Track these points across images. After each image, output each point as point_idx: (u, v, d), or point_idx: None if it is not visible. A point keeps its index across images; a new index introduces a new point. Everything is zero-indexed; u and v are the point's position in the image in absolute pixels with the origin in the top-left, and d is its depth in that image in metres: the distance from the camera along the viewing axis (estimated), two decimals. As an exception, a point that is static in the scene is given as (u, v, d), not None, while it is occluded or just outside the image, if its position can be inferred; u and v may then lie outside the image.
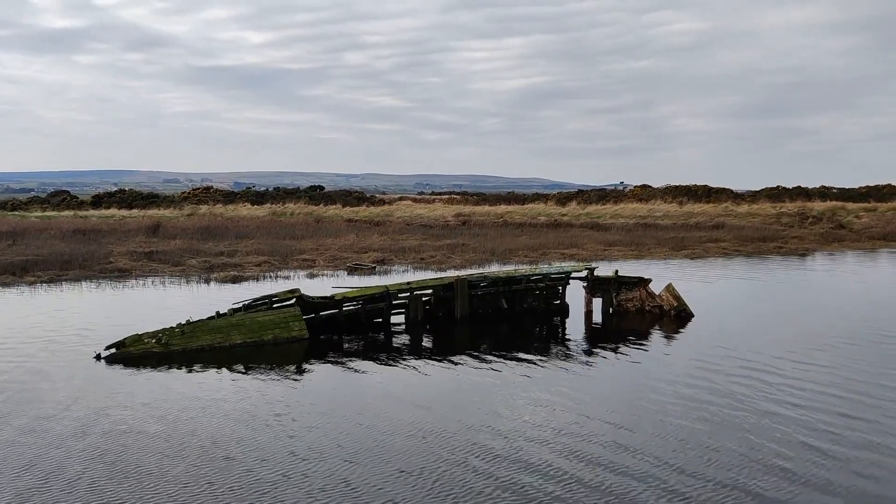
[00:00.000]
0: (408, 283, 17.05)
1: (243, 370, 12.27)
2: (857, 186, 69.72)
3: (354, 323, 15.88)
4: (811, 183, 71.18)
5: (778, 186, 67.72)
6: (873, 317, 17.02)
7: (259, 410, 9.96)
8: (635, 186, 72.28)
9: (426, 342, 15.25)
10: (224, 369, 12.34)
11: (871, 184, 69.69)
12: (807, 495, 7.26)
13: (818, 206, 53.31)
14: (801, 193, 64.39)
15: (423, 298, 16.80)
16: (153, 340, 13.33)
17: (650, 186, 68.94)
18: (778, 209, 50.96)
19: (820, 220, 45.62)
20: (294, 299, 15.05)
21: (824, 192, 65.71)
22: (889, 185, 68.02)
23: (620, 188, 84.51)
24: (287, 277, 23.94)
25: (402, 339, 15.27)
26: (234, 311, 14.68)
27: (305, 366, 12.85)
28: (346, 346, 14.59)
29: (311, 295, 15.81)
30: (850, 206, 54.14)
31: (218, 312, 14.61)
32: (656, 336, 15.46)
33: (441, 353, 13.86)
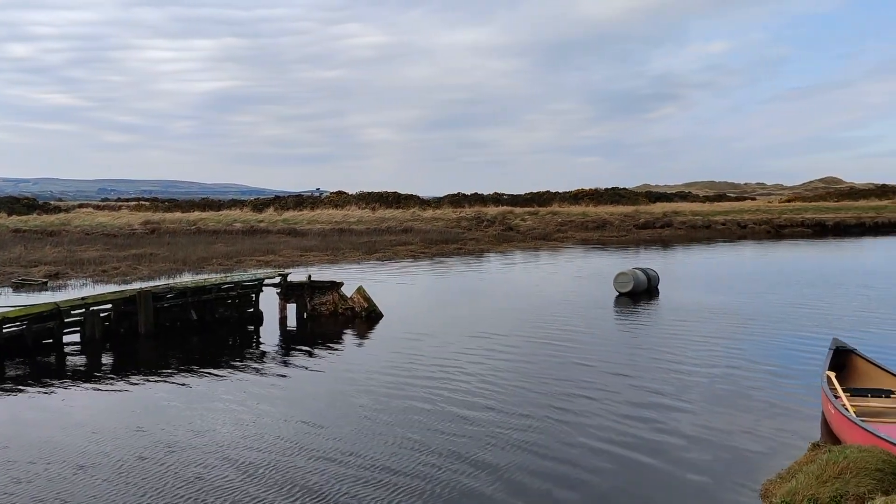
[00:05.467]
0: (82, 299, 15.70)
1: None
2: (523, 193, 79.12)
3: (19, 346, 14.20)
4: (486, 190, 79.20)
5: (458, 193, 74.08)
6: (538, 308, 19.64)
7: None
8: (331, 193, 73.85)
9: (106, 361, 14.20)
10: None
11: (535, 191, 79.65)
12: (503, 476, 8.27)
13: (492, 210, 59.37)
14: (478, 199, 71.16)
15: (102, 314, 15.61)
16: None
17: (345, 193, 70.99)
18: (458, 214, 55.81)
19: (493, 224, 51.02)
20: (-63, 324, 13.03)
21: (497, 198, 73.42)
22: (548, 192, 78.25)
23: (317, 194, 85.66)
24: (-71, 299, 20.49)
25: (77, 361, 14.04)
26: None
27: (-46, 400, 11.22)
28: (9, 372, 13.00)
29: (-40, 318, 13.82)
30: (518, 210, 61.15)
31: None
32: (348, 337, 16.18)
33: (123, 371, 13.02)
